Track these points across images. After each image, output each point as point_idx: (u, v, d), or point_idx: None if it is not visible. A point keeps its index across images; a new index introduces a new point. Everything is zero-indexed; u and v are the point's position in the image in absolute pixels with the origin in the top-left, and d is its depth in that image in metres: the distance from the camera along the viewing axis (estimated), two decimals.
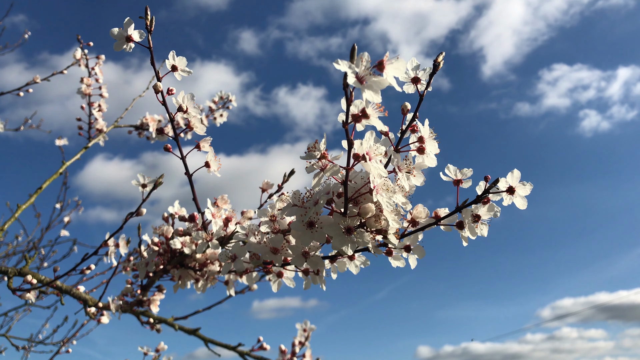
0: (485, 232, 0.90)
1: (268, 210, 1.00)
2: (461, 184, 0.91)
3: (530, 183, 0.88)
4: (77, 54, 2.33)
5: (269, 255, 0.98)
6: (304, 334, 1.78)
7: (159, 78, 1.13)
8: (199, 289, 1.38)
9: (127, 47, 1.11)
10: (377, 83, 0.64)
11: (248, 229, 1.04)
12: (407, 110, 0.86)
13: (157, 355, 1.68)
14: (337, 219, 0.84)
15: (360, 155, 0.75)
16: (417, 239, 0.94)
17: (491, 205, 0.90)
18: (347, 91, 0.66)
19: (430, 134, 0.86)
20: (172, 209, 1.41)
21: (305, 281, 1.05)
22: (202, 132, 1.17)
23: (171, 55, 1.12)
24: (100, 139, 2.22)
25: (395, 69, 0.66)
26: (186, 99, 1.15)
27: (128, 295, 1.57)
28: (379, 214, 0.83)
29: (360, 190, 0.83)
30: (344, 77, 0.64)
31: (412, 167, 0.87)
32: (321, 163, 0.81)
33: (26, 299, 1.53)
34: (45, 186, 1.82)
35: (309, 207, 0.85)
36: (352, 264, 1.01)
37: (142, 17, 1.11)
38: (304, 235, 0.88)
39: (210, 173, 1.18)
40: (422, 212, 0.88)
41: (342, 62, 0.63)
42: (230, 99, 2.69)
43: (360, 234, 0.83)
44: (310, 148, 0.79)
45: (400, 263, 0.95)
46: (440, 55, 0.86)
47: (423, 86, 0.88)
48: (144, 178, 1.37)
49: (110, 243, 1.51)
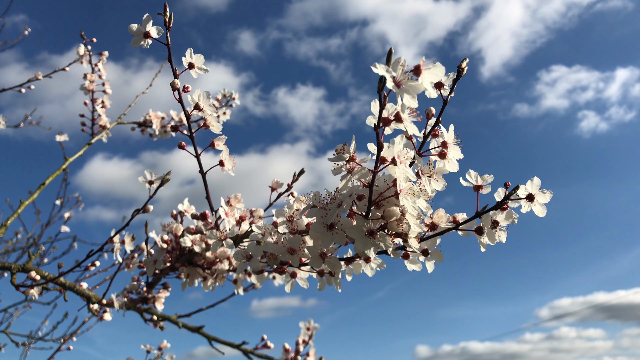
0: (503, 239, 0.91)
1: (286, 210, 1.00)
2: (481, 189, 0.91)
3: (550, 191, 0.88)
4: (81, 49, 2.31)
5: (286, 255, 0.98)
6: (308, 332, 1.78)
7: (175, 75, 1.13)
8: (208, 287, 1.38)
9: (144, 43, 1.11)
10: (414, 88, 0.64)
11: (264, 228, 1.04)
12: (431, 115, 0.86)
13: (159, 353, 1.67)
14: (360, 221, 0.84)
15: (389, 159, 0.75)
16: (435, 243, 0.94)
17: (509, 212, 0.90)
18: (382, 95, 0.66)
19: (454, 140, 0.87)
20: (182, 207, 1.41)
21: (320, 282, 1.05)
22: (217, 130, 1.16)
23: (188, 53, 1.12)
24: (104, 135, 2.20)
25: (432, 74, 0.66)
26: (202, 96, 1.15)
27: (133, 292, 1.56)
28: (401, 218, 0.84)
29: (384, 194, 0.83)
30: (379, 80, 0.64)
31: (434, 172, 0.88)
32: (349, 165, 0.80)
33: (29, 294, 1.52)
34: (49, 182, 1.81)
35: (331, 209, 0.85)
36: (367, 267, 1.01)
37: (161, 13, 1.11)
38: (324, 236, 0.88)
39: (224, 172, 1.18)
40: (443, 217, 0.89)
41: (380, 66, 0.63)
42: (233, 97, 2.69)
43: (383, 237, 0.84)
44: (339, 150, 0.79)
45: (417, 267, 0.96)
46: (464, 61, 0.87)
47: (446, 91, 0.88)
48: (151, 175, 1.36)
49: (115, 240, 1.50)
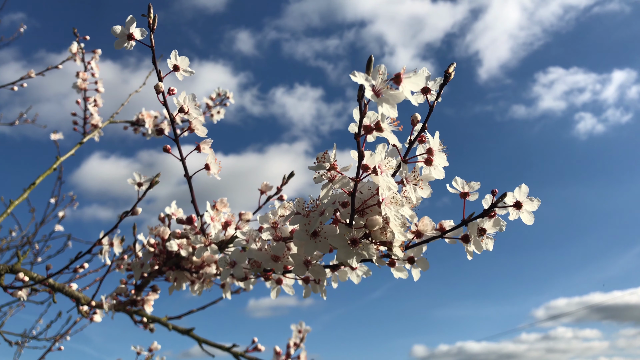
0: (490, 247, 0.89)
1: (270, 217, 0.99)
2: (468, 197, 0.89)
3: (537, 199, 0.86)
4: (74, 47, 2.29)
5: (270, 262, 0.96)
6: (299, 335, 1.76)
7: (160, 78, 1.11)
8: (195, 291, 1.36)
9: (128, 45, 1.08)
10: (394, 97, 0.62)
11: (248, 234, 1.02)
12: (417, 121, 0.84)
13: (150, 355, 1.66)
14: (343, 230, 0.83)
15: (371, 167, 0.73)
16: (421, 250, 0.93)
17: (497, 220, 0.89)
18: (362, 103, 0.64)
19: (440, 146, 0.85)
20: (169, 210, 1.39)
21: (305, 290, 1.03)
22: (203, 134, 1.14)
23: (173, 55, 1.10)
24: (96, 134, 2.18)
25: (412, 83, 0.64)
26: (187, 99, 1.13)
27: (122, 295, 1.54)
28: (385, 226, 0.82)
29: (367, 202, 0.81)
30: (359, 89, 0.62)
31: (420, 179, 0.86)
32: (330, 174, 0.79)
33: (18, 296, 1.50)
34: (39, 181, 1.79)
35: (314, 217, 0.84)
36: (353, 274, 0.99)
37: (145, 15, 1.08)
38: (307, 244, 0.86)
39: (210, 176, 1.16)
40: (428, 224, 0.87)
41: (359, 74, 0.61)
42: (227, 96, 2.66)
43: (366, 246, 0.82)
44: (320, 159, 0.77)
45: (403, 274, 0.94)
46: (452, 66, 0.85)
47: (433, 97, 0.86)
48: (139, 177, 1.34)
49: (104, 242, 1.48)
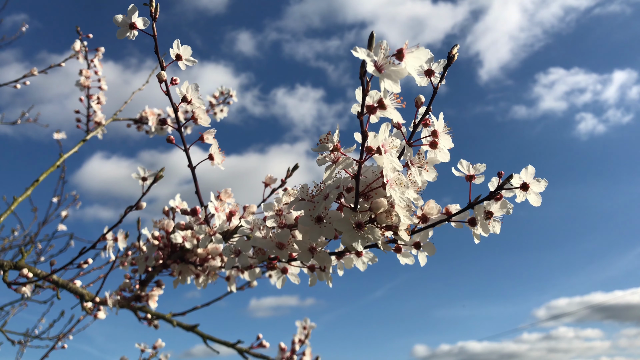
0: (497, 230, 0.88)
1: (274, 204, 0.98)
2: (474, 179, 0.88)
3: (545, 179, 0.86)
4: (76, 45, 2.29)
5: (275, 250, 0.95)
6: (304, 331, 1.76)
7: (162, 67, 1.10)
8: (200, 284, 1.36)
9: (130, 34, 1.08)
10: (396, 72, 0.61)
11: (253, 223, 1.01)
12: (420, 103, 0.83)
13: (154, 352, 1.65)
14: (348, 214, 0.82)
15: (375, 148, 0.72)
16: (427, 235, 0.92)
17: (504, 202, 0.88)
18: (364, 80, 0.63)
19: (445, 129, 0.84)
20: (173, 203, 1.38)
21: (311, 278, 1.02)
22: (206, 123, 1.14)
23: (175, 44, 1.09)
24: (99, 132, 2.18)
25: (415, 58, 0.63)
26: (190, 89, 1.12)
27: (126, 290, 1.54)
28: (390, 210, 0.81)
29: (372, 185, 0.80)
30: (361, 65, 0.61)
31: (425, 162, 0.85)
32: (333, 155, 0.78)
33: (22, 292, 1.50)
34: (42, 179, 1.79)
35: (318, 201, 0.83)
36: (359, 261, 0.98)
37: (147, 4, 1.08)
38: (312, 230, 0.85)
39: (213, 165, 1.16)
40: (434, 208, 0.86)
41: (360, 50, 0.60)
42: (230, 94, 2.66)
43: (371, 230, 0.81)
44: (323, 139, 0.76)
45: (410, 260, 0.93)
46: (455, 47, 0.84)
47: (437, 79, 0.85)
48: (144, 171, 1.34)
49: (108, 237, 1.48)
